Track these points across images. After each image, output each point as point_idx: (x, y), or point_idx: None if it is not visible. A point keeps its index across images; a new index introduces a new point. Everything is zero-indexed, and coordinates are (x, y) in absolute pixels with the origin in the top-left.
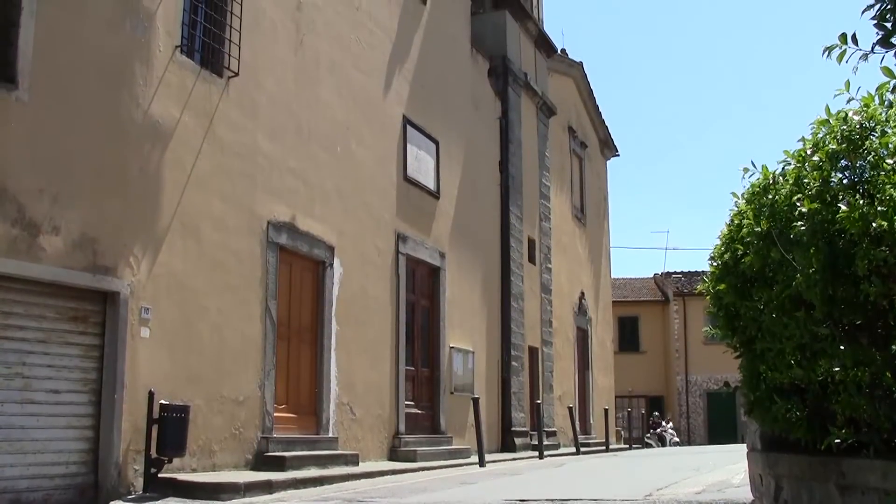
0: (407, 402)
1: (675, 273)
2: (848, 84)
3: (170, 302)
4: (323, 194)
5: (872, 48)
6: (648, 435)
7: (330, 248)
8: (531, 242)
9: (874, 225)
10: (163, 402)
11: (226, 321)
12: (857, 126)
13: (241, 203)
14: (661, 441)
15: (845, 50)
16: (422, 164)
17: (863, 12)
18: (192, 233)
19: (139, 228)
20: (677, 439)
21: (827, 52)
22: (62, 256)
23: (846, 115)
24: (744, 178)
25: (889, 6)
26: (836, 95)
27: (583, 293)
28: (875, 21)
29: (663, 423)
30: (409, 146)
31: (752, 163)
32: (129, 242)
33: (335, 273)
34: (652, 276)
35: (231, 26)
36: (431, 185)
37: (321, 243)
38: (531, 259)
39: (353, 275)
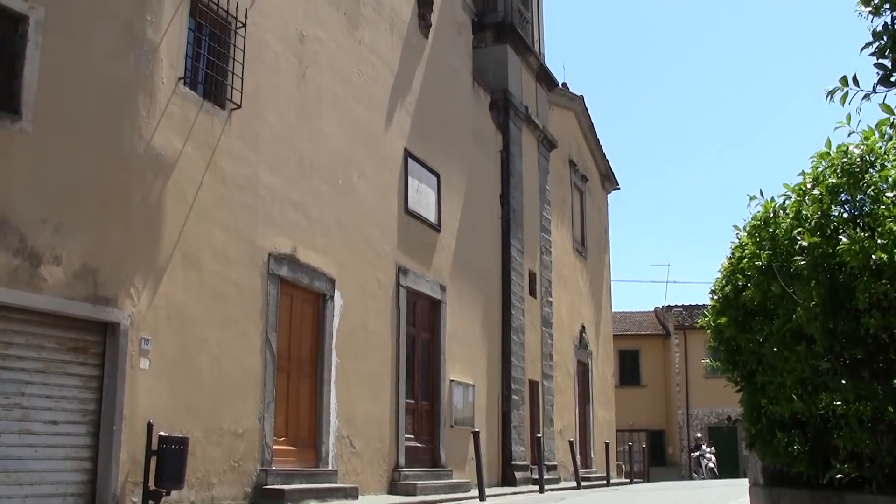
0: (407, 436)
1: (676, 307)
2: (849, 117)
3: (170, 333)
4: (324, 227)
5: (874, 88)
6: (696, 454)
7: (331, 281)
8: (532, 276)
9: (874, 258)
10: (162, 433)
11: (226, 353)
12: (858, 159)
13: (243, 235)
14: (698, 466)
15: (847, 92)
16: (423, 197)
17: (862, 49)
18: (193, 264)
19: (140, 259)
20: (713, 466)
21: (829, 95)
22: (63, 287)
23: (847, 148)
24: (749, 204)
25: (888, 43)
26: (836, 128)
27: (583, 326)
28: (875, 58)
29: (703, 447)
30: (410, 179)
31: (761, 192)
32: (130, 273)
33: (336, 305)
34: (653, 309)
35: (234, 59)
36: (432, 217)
37: (322, 276)
38: (532, 292)
39: (353, 307)
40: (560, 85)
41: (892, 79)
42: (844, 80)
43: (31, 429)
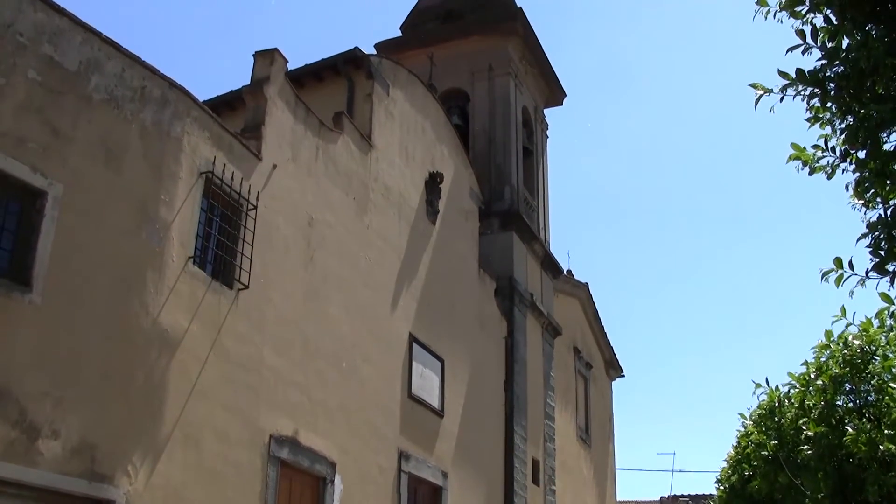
0: None
1: (683, 496)
2: (843, 310)
3: None
4: (327, 410)
5: (867, 273)
6: None
7: (331, 465)
8: (535, 463)
9: (882, 448)
10: None
11: None
12: (859, 350)
13: (245, 415)
14: None
15: (842, 274)
16: (426, 382)
17: (858, 240)
18: (194, 443)
19: (140, 436)
20: None
21: (824, 276)
22: (59, 462)
23: (846, 339)
24: (754, 392)
25: (882, 235)
26: (834, 322)
27: None
28: (870, 249)
29: None
30: (414, 364)
31: (766, 380)
32: (128, 450)
33: (336, 490)
34: (658, 498)
35: (244, 240)
36: (436, 403)
37: (323, 459)
38: (535, 480)
39: (353, 492)
40: (565, 272)
41: (888, 267)
42: (839, 262)
43: None
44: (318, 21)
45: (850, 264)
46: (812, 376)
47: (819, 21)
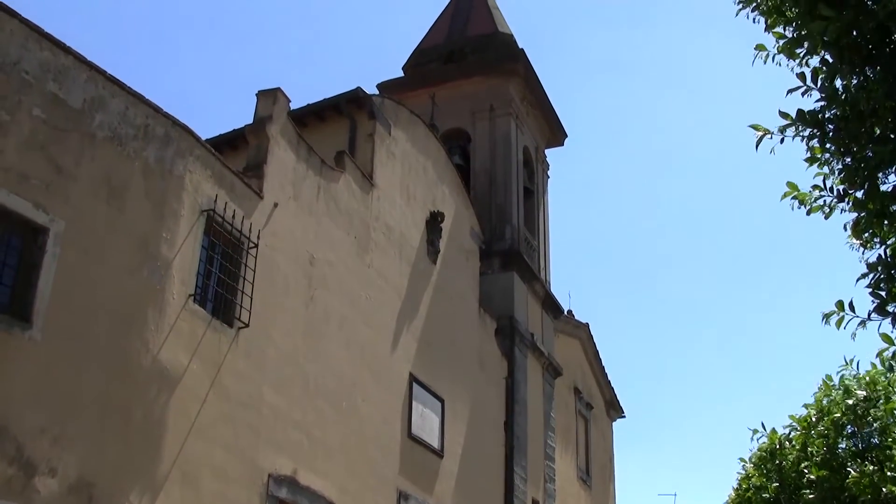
0: None
1: None
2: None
3: None
4: (326, 449)
5: (869, 315)
6: None
7: None
8: None
9: (885, 491)
10: None
11: None
12: (862, 398)
13: (244, 454)
14: None
15: (843, 316)
16: (426, 422)
17: (857, 280)
18: (192, 482)
19: (138, 474)
20: None
21: (825, 319)
22: (57, 500)
23: (846, 385)
24: (752, 438)
25: (883, 276)
26: (838, 372)
27: None
28: (870, 290)
29: None
30: (414, 403)
31: (763, 425)
32: (126, 488)
33: None
34: None
35: (244, 278)
36: (435, 443)
37: (322, 499)
38: None
39: None
40: (566, 312)
41: (889, 308)
42: (840, 305)
43: None
44: (321, 60)
45: (851, 306)
46: (814, 419)
47: (816, 62)
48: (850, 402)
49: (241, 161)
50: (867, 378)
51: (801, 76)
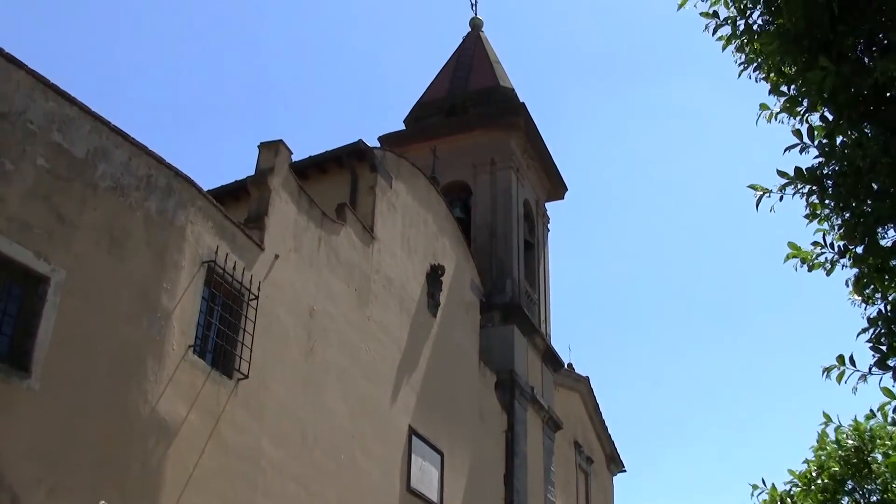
0: None
1: None
2: (827, 416)
3: None
4: (324, 502)
5: (870, 369)
6: None
7: None
8: None
9: None
10: None
11: None
12: (853, 450)
13: None
14: None
15: (844, 371)
16: (426, 476)
17: (858, 335)
18: None
19: None
20: None
21: (826, 373)
22: None
23: (839, 440)
24: (753, 494)
25: (883, 330)
26: (820, 427)
27: None
28: (871, 344)
29: None
30: (413, 457)
31: (763, 480)
32: None
33: None
34: None
35: (244, 329)
36: (435, 497)
37: None
38: None
39: None
40: (566, 366)
41: (889, 362)
42: (841, 359)
43: None
44: (324, 113)
45: (852, 360)
46: (813, 474)
47: (815, 119)
48: (843, 452)
49: (242, 212)
50: (858, 431)
51: (798, 133)
